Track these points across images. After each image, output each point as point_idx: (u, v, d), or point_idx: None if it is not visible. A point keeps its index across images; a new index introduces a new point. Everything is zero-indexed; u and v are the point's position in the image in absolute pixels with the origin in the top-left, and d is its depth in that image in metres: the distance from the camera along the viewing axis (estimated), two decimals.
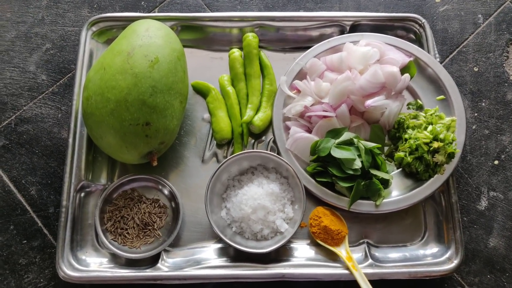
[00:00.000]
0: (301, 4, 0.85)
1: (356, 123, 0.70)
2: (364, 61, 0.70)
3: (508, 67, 0.80)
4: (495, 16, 0.84)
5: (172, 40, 0.67)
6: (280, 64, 0.77)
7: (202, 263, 0.65)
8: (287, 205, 0.67)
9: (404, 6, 0.85)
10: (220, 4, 0.85)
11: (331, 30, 0.79)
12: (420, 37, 0.78)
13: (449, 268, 0.64)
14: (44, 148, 0.74)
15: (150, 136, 0.62)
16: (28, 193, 0.72)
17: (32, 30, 0.83)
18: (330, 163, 0.66)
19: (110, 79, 0.61)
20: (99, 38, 0.78)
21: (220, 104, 0.74)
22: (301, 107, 0.70)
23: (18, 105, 0.77)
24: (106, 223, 0.67)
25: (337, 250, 0.65)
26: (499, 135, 0.76)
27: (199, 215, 0.69)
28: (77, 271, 0.63)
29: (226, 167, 0.67)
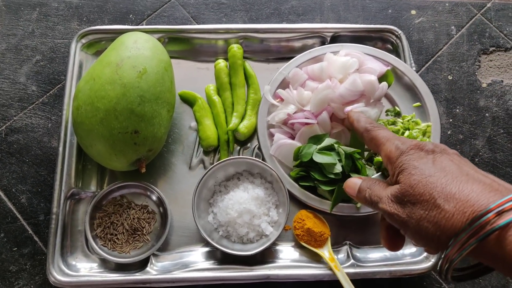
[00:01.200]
0: (284, 16, 0.89)
1: (337, 129, 0.72)
2: (343, 71, 0.73)
3: (480, 76, 0.84)
4: (467, 28, 0.88)
5: (159, 51, 0.70)
6: (264, 74, 0.80)
7: (190, 266, 0.67)
8: (272, 209, 0.69)
9: (382, 18, 0.89)
10: (206, 17, 0.88)
11: (312, 41, 0.83)
12: (397, 48, 0.82)
13: (426, 266, 0.67)
14: (34, 157, 0.76)
15: (138, 144, 0.64)
16: (18, 201, 0.73)
17: (23, 42, 0.85)
18: (313, 168, 0.68)
19: (99, 89, 0.63)
20: (89, 50, 0.81)
21: (207, 112, 0.77)
22: (284, 115, 0.72)
23: (8, 115, 0.79)
24: (96, 229, 0.69)
25: (320, 251, 0.68)
26: (472, 140, 0.80)
27: (187, 220, 0.70)
28: (68, 276, 0.65)
29: (212, 173, 0.70)
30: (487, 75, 0.84)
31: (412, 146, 0.45)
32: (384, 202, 0.45)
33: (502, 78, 0.84)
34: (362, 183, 0.51)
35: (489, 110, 0.82)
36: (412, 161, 0.44)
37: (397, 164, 0.45)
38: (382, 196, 0.46)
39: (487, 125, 0.80)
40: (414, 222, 0.41)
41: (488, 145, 0.79)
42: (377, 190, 0.47)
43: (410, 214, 0.41)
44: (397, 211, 0.43)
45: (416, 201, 0.41)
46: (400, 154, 0.45)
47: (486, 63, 0.85)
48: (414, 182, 0.42)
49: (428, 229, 0.40)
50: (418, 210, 0.41)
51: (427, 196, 0.40)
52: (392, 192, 0.44)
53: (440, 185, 0.40)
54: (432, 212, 0.39)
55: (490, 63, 0.85)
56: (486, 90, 0.83)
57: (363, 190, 0.50)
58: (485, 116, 0.81)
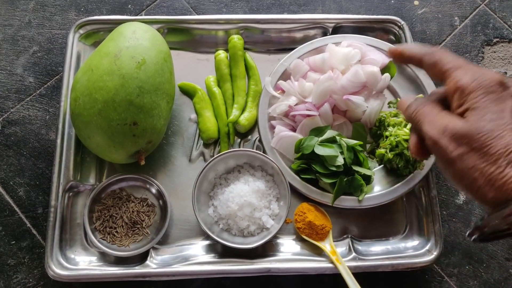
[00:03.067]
0: (285, 7, 0.87)
1: (339, 121, 0.72)
2: (345, 62, 0.72)
3: (484, 67, 0.83)
4: (470, 19, 0.87)
5: (158, 42, 0.69)
6: (265, 65, 0.79)
7: (190, 259, 0.67)
8: (273, 201, 0.68)
9: (384, 8, 0.87)
10: (206, 7, 0.87)
11: (314, 32, 0.82)
12: (400, 39, 0.81)
13: (429, 259, 0.66)
14: (32, 149, 0.75)
15: (137, 136, 0.63)
16: (16, 194, 0.72)
17: (19, 33, 0.83)
18: (314, 160, 0.68)
19: (97, 80, 0.62)
20: (86, 40, 0.79)
21: (207, 104, 0.76)
22: (285, 107, 0.72)
23: (5, 107, 0.78)
24: (95, 222, 0.68)
25: (322, 244, 0.67)
26: None
27: (187, 213, 0.70)
28: (67, 270, 0.64)
29: (213, 166, 0.69)
30: (490, 67, 0.83)
31: (495, 82, 0.39)
32: (434, 127, 0.40)
33: (506, 70, 0.83)
34: (414, 101, 0.45)
35: None
36: (490, 102, 0.38)
37: (470, 97, 0.39)
38: (433, 120, 0.41)
39: None
40: (463, 166, 0.37)
41: None
42: (429, 110, 0.42)
43: (463, 156, 0.37)
44: (448, 146, 0.39)
45: (478, 148, 0.37)
46: (478, 86, 0.39)
47: (489, 55, 0.84)
48: (484, 129, 0.37)
49: (477, 181, 0.37)
50: (475, 158, 0.37)
51: (493, 150, 0.36)
52: (451, 124, 0.39)
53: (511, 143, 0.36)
54: (492, 168, 0.36)
55: (494, 54, 0.84)
56: None
57: (411, 104, 0.45)
58: None
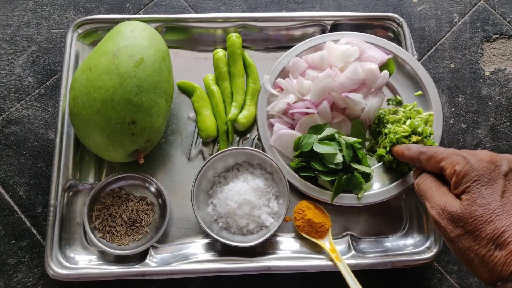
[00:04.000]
0: (283, 4, 0.87)
1: (338, 119, 0.72)
2: (344, 59, 0.72)
3: (483, 64, 0.83)
4: (469, 15, 0.87)
5: (157, 40, 0.69)
6: (263, 63, 0.79)
7: (190, 258, 0.67)
8: (272, 199, 0.68)
9: (383, 5, 0.87)
10: (204, 6, 0.86)
11: (312, 29, 0.81)
12: (399, 36, 0.81)
13: (429, 257, 0.66)
14: (31, 149, 0.75)
15: (136, 134, 0.63)
16: (16, 194, 0.72)
17: (18, 32, 0.83)
18: (313, 158, 0.68)
19: (96, 79, 0.62)
20: (85, 40, 0.79)
21: (205, 103, 0.76)
22: (284, 105, 0.71)
23: (4, 107, 0.78)
24: (94, 221, 0.68)
25: (321, 242, 0.67)
26: (475, 129, 0.78)
27: (186, 211, 0.70)
28: (66, 269, 0.64)
29: (211, 164, 0.69)
30: (490, 63, 0.83)
31: (486, 163, 0.43)
32: (433, 206, 0.45)
33: (505, 66, 0.83)
34: (420, 177, 0.52)
35: (492, 99, 0.80)
36: (480, 187, 0.42)
37: (465, 180, 0.43)
38: (434, 200, 0.46)
39: (490, 114, 0.79)
40: (461, 247, 0.41)
41: (491, 134, 0.78)
42: (428, 186, 0.48)
43: (460, 238, 0.42)
44: (448, 227, 0.43)
45: (471, 231, 0.41)
46: (470, 169, 0.43)
47: (489, 51, 0.84)
48: (476, 214, 0.41)
49: (473, 261, 0.40)
50: (470, 240, 0.41)
51: (483, 234, 0.40)
52: (448, 207, 0.44)
53: (500, 227, 0.40)
54: (483, 250, 0.40)
55: (493, 50, 0.84)
56: (489, 79, 0.82)
57: (416, 180, 0.52)
58: (488, 104, 0.80)
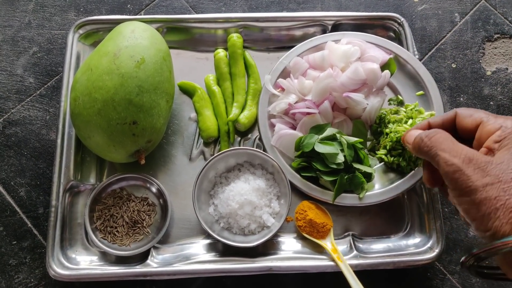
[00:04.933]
0: (284, 5, 0.87)
1: (339, 119, 0.71)
2: (345, 59, 0.72)
3: (485, 63, 0.83)
4: (471, 15, 0.87)
5: (157, 41, 0.69)
6: (264, 63, 0.79)
7: (191, 258, 0.66)
8: (273, 200, 0.68)
9: (384, 5, 0.87)
10: (205, 6, 0.86)
11: (313, 29, 0.81)
12: (400, 35, 0.80)
13: (431, 257, 0.66)
14: (32, 149, 0.75)
15: (137, 135, 0.63)
16: (17, 195, 0.72)
17: (19, 34, 0.83)
18: (314, 158, 0.67)
19: (97, 79, 0.62)
20: (86, 40, 0.79)
21: (206, 103, 0.76)
22: (285, 105, 0.71)
23: (6, 108, 0.78)
24: (96, 222, 0.68)
25: (323, 242, 0.67)
26: None
27: (187, 212, 0.70)
28: (68, 270, 0.64)
29: (213, 165, 0.69)
30: (491, 63, 0.83)
31: None
32: (455, 155, 0.43)
33: (507, 66, 0.83)
34: (422, 132, 0.49)
35: (493, 99, 0.80)
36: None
37: (504, 134, 0.43)
38: (456, 149, 0.43)
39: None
40: (486, 196, 0.39)
41: None
42: (444, 138, 0.45)
43: (487, 187, 0.40)
44: (473, 175, 0.41)
45: (505, 181, 0.39)
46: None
47: (490, 51, 0.84)
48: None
49: (497, 211, 0.39)
50: (499, 190, 0.39)
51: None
52: (478, 156, 0.42)
53: None
54: (510, 199, 0.38)
55: (494, 50, 0.84)
56: (490, 78, 0.82)
57: (422, 133, 0.49)
58: (490, 104, 0.80)
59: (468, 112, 0.49)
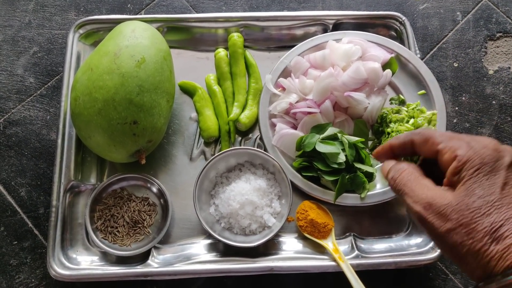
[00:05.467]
0: (285, 4, 0.87)
1: (340, 118, 0.71)
2: (346, 58, 0.72)
3: (487, 62, 0.82)
4: (473, 13, 0.86)
5: (158, 40, 0.68)
6: (265, 62, 0.79)
7: (192, 258, 0.66)
8: (274, 200, 0.68)
9: (385, 4, 0.87)
10: (205, 5, 0.86)
11: (314, 28, 0.81)
12: (401, 34, 0.80)
13: (433, 257, 0.65)
14: (33, 150, 0.75)
15: (137, 135, 0.63)
16: (18, 195, 0.72)
17: (19, 33, 0.83)
18: (315, 158, 0.67)
19: (97, 79, 0.62)
20: (86, 40, 0.79)
21: (207, 103, 0.76)
22: (286, 104, 0.71)
23: (6, 108, 0.78)
24: (96, 222, 0.68)
25: (324, 242, 0.67)
26: (479, 128, 0.78)
27: (188, 212, 0.69)
28: (68, 270, 0.64)
29: (213, 164, 0.68)
30: (494, 62, 0.82)
31: (490, 151, 0.40)
32: (417, 201, 0.41)
33: (509, 65, 0.82)
34: (392, 166, 0.46)
35: (496, 98, 0.80)
36: (481, 177, 0.39)
37: (466, 167, 0.40)
38: (418, 194, 0.41)
39: (494, 113, 0.79)
40: (452, 241, 0.38)
41: (495, 134, 0.77)
42: (407, 178, 0.43)
43: (450, 232, 0.38)
44: (436, 222, 0.39)
45: (466, 224, 0.38)
46: (474, 155, 0.40)
47: (492, 50, 0.83)
48: (474, 206, 0.38)
49: (466, 257, 0.38)
50: (462, 234, 0.38)
51: (480, 227, 0.37)
52: (439, 201, 0.40)
53: (499, 220, 0.37)
54: (478, 245, 0.37)
55: (497, 49, 0.83)
56: (493, 77, 0.81)
57: (390, 170, 0.46)
58: (492, 103, 0.79)
59: (423, 138, 0.46)
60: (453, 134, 0.44)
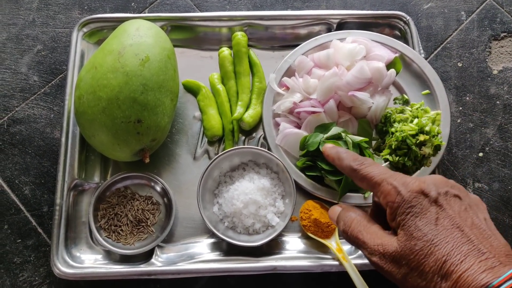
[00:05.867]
0: (289, 3, 0.87)
1: (344, 118, 0.71)
2: (350, 58, 0.72)
3: (491, 62, 0.82)
4: (477, 13, 0.86)
5: (162, 39, 0.68)
6: (269, 62, 0.78)
7: (195, 257, 0.66)
8: (278, 199, 0.68)
9: (389, 4, 0.87)
10: (209, 4, 0.86)
11: (318, 28, 0.81)
12: (405, 34, 0.80)
13: None
14: (37, 148, 0.75)
15: (141, 133, 0.63)
16: (21, 193, 0.72)
17: (23, 32, 0.83)
18: (319, 157, 0.67)
19: (101, 77, 0.62)
20: (90, 39, 0.79)
21: (211, 102, 0.76)
22: (290, 104, 0.71)
23: (10, 106, 0.78)
24: (100, 220, 0.68)
25: (328, 242, 0.67)
26: (483, 128, 0.78)
27: (192, 211, 0.70)
28: (72, 268, 0.64)
29: (217, 164, 0.68)
30: (498, 62, 0.82)
31: (415, 194, 0.42)
32: (374, 254, 0.43)
33: None
34: (340, 214, 0.48)
35: (500, 98, 0.80)
36: (414, 219, 0.41)
37: (398, 213, 0.42)
38: (370, 245, 0.43)
39: (498, 113, 0.79)
40: (410, 286, 0.40)
41: (499, 134, 0.77)
42: (358, 229, 0.45)
43: (406, 277, 0.40)
44: (392, 270, 0.41)
45: (415, 268, 0.40)
46: (402, 201, 0.42)
47: (497, 49, 0.83)
48: (416, 249, 0.40)
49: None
50: (416, 277, 0.40)
51: (427, 267, 0.39)
52: (388, 249, 0.42)
53: (441, 256, 0.39)
54: (431, 285, 0.39)
55: (501, 49, 0.83)
56: (497, 77, 0.81)
57: (339, 220, 0.48)
58: (496, 104, 0.79)
59: (360, 175, 0.47)
60: (386, 174, 0.45)
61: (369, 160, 0.49)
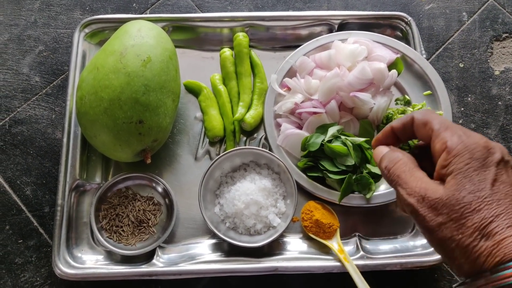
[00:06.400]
0: (290, 4, 0.87)
1: (346, 118, 0.71)
2: (352, 58, 0.72)
3: (493, 63, 0.82)
4: (479, 14, 0.86)
5: (164, 40, 0.69)
6: (270, 62, 0.78)
7: (197, 258, 0.66)
8: (279, 200, 0.68)
9: (391, 4, 0.86)
10: (210, 5, 0.86)
11: (319, 28, 0.81)
12: (407, 35, 0.80)
13: (438, 258, 0.65)
14: (38, 148, 0.75)
15: (143, 134, 0.63)
16: (23, 193, 0.72)
17: (25, 32, 0.83)
18: (321, 158, 0.67)
19: (103, 78, 0.62)
20: (92, 39, 0.79)
21: (212, 102, 0.76)
22: (291, 104, 0.71)
23: (12, 106, 0.78)
24: (101, 221, 0.68)
25: (329, 243, 0.66)
26: (484, 129, 0.78)
27: (193, 211, 0.69)
28: (73, 269, 0.64)
29: (218, 164, 0.68)
30: (500, 62, 0.82)
31: (481, 147, 0.39)
32: (410, 193, 0.40)
33: None
34: (386, 154, 0.45)
35: (502, 98, 0.80)
36: (473, 170, 0.38)
37: (455, 161, 0.39)
38: (411, 186, 0.41)
39: (500, 114, 0.78)
40: (441, 236, 0.38)
41: (501, 134, 0.77)
42: (402, 169, 0.42)
43: (441, 226, 0.38)
44: (427, 215, 0.39)
45: (456, 219, 0.37)
46: (464, 150, 0.39)
47: (498, 50, 0.83)
48: (464, 201, 0.37)
49: (454, 252, 0.37)
50: (453, 229, 0.37)
51: (469, 222, 0.37)
52: (430, 193, 0.39)
53: (489, 216, 0.37)
54: (467, 240, 0.37)
55: (503, 50, 0.83)
56: (499, 78, 0.81)
57: (383, 158, 0.45)
58: (498, 104, 0.79)
59: (423, 119, 0.44)
60: (450, 124, 0.42)
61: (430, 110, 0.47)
